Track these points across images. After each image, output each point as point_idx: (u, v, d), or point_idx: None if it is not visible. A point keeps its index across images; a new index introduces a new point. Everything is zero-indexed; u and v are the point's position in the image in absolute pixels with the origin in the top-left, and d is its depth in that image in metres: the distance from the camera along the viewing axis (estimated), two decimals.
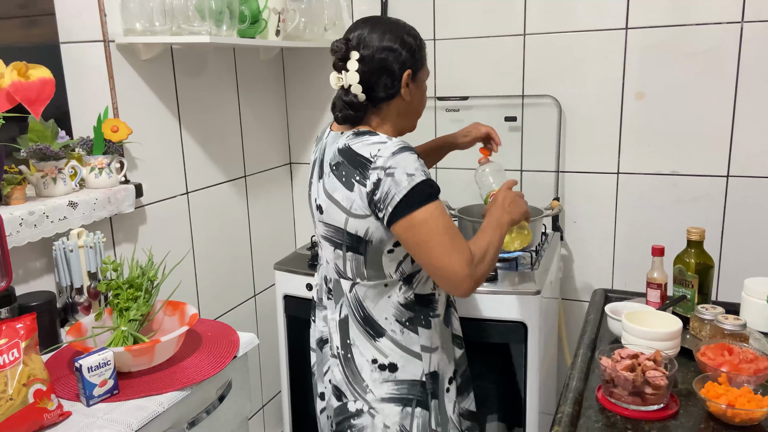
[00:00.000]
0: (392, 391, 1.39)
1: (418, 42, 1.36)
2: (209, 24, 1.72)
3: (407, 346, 1.39)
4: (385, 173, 1.24)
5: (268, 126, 2.45)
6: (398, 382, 1.39)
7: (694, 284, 1.61)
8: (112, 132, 1.67)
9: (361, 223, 1.30)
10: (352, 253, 1.35)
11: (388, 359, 1.39)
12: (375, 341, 1.39)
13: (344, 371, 1.42)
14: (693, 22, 1.94)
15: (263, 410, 2.51)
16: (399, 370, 1.39)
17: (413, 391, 1.40)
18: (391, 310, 1.38)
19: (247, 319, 2.40)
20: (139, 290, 1.39)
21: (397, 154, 1.25)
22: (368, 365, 1.39)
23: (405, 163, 1.24)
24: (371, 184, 1.26)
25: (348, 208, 1.30)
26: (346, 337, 1.41)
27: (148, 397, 1.22)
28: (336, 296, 1.42)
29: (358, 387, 1.41)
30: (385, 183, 1.24)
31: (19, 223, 1.42)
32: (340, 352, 1.43)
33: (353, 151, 1.29)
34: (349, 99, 1.33)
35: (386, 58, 1.31)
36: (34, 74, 1.39)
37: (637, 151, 2.09)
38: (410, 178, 1.24)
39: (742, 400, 1.18)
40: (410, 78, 1.34)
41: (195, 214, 2.08)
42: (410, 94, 1.36)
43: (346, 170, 1.29)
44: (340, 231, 1.34)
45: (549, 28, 2.12)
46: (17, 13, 1.75)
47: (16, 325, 1.14)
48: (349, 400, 1.42)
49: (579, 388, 1.36)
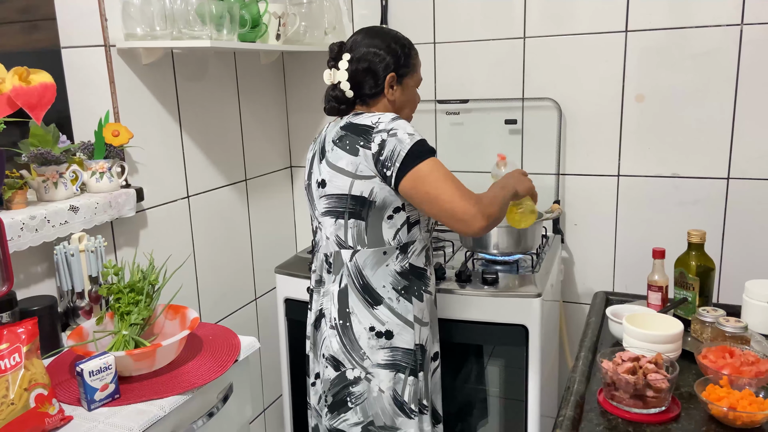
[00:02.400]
0: (387, 357, 1.48)
1: (406, 50, 1.51)
2: (210, 28, 1.72)
3: (402, 314, 1.49)
4: (389, 134, 1.39)
5: (268, 130, 2.46)
6: (393, 348, 1.48)
7: (695, 287, 1.61)
8: (113, 136, 1.67)
9: (367, 183, 1.41)
10: (354, 219, 1.45)
11: (385, 327, 1.48)
12: (373, 309, 1.48)
13: (342, 340, 1.50)
14: (693, 24, 1.95)
15: (264, 414, 2.51)
16: (394, 338, 1.48)
17: (406, 359, 1.49)
18: (388, 278, 1.48)
19: (248, 323, 2.40)
20: (141, 294, 1.39)
21: (395, 120, 1.42)
22: (366, 333, 1.48)
23: (404, 126, 1.41)
24: (376, 146, 1.39)
25: (353, 172, 1.42)
26: (345, 306, 1.49)
27: (149, 401, 1.22)
28: (336, 268, 1.51)
29: (356, 355, 1.49)
30: (390, 142, 1.38)
31: (21, 227, 1.42)
32: (338, 322, 1.50)
33: (355, 124, 1.45)
34: (336, 93, 1.51)
35: (371, 60, 1.48)
36: (35, 79, 1.40)
37: (637, 153, 2.09)
38: (411, 137, 1.38)
39: (743, 403, 1.18)
40: (394, 80, 1.49)
41: (196, 217, 2.08)
42: (394, 94, 1.51)
43: (350, 139, 1.43)
44: (343, 198, 1.44)
45: (549, 31, 2.12)
46: (18, 18, 1.75)
47: (17, 330, 1.14)
48: (347, 368, 1.50)
49: (580, 391, 1.36)
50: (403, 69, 1.51)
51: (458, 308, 1.79)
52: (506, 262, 1.94)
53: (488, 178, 2.30)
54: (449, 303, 1.80)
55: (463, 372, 1.99)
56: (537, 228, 1.95)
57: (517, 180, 1.57)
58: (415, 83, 1.56)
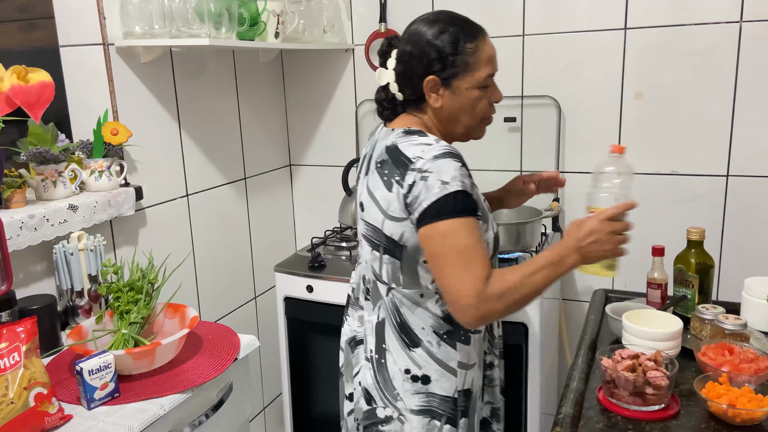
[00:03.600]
0: (422, 403, 1.32)
1: (454, 44, 1.24)
2: (208, 26, 1.72)
3: (443, 360, 1.31)
4: (420, 176, 1.18)
5: (267, 128, 2.46)
6: (429, 394, 1.32)
7: (695, 284, 1.61)
8: (112, 135, 1.67)
9: (397, 226, 1.24)
10: (389, 256, 1.29)
11: (422, 371, 1.31)
12: (410, 350, 1.31)
13: (376, 376, 1.36)
14: (692, 22, 1.95)
15: (264, 412, 2.51)
16: (432, 383, 1.32)
17: (444, 407, 1.33)
18: (429, 320, 1.31)
19: (248, 321, 2.40)
20: (140, 293, 1.39)
21: (438, 159, 1.18)
22: (400, 374, 1.32)
23: (443, 169, 1.17)
24: (407, 186, 1.20)
25: (385, 209, 1.25)
26: (382, 342, 1.35)
27: (149, 399, 1.22)
28: (374, 298, 1.36)
29: (388, 394, 1.35)
30: (418, 186, 1.18)
31: (20, 226, 1.42)
32: (374, 356, 1.36)
33: (399, 150, 1.24)
34: (379, 96, 1.35)
35: (406, 61, 1.27)
36: (33, 78, 1.40)
37: (636, 151, 2.09)
38: (443, 187, 1.16)
39: (743, 400, 1.18)
40: (437, 84, 1.26)
41: (195, 216, 2.08)
42: (440, 100, 1.28)
43: (389, 169, 1.24)
44: (378, 231, 1.28)
45: (548, 29, 2.12)
46: (17, 17, 1.75)
47: (16, 329, 1.14)
48: (378, 406, 1.36)
49: (580, 388, 1.36)
50: (450, 69, 1.25)
51: None
52: (506, 260, 1.93)
53: (488, 177, 2.31)
54: None
55: None
56: (536, 226, 1.95)
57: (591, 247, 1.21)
58: (474, 84, 1.27)
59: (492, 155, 2.26)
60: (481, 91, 1.29)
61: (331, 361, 2.05)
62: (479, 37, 1.27)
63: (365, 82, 2.40)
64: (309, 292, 1.99)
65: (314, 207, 2.62)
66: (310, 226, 2.63)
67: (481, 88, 1.29)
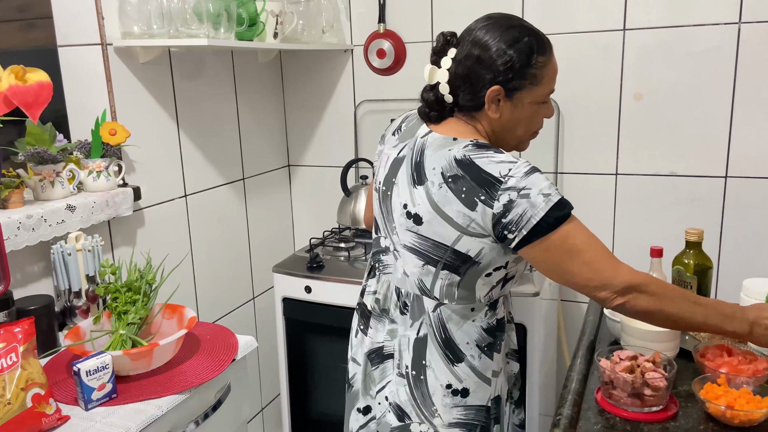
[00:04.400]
0: (460, 416, 1.32)
1: (526, 56, 1.19)
2: (207, 27, 1.72)
3: (482, 371, 1.32)
4: (519, 194, 1.14)
5: (266, 128, 2.45)
6: (467, 407, 1.32)
7: (693, 285, 1.61)
8: (110, 135, 1.67)
9: (476, 242, 1.20)
10: (448, 272, 1.25)
11: (462, 384, 1.31)
12: (453, 366, 1.30)
13: (413, 392, 1.33)
14: (691, 23, 1.95)
15: (262, 413, 2.51)
16: (470, 396, 1.32)
17: (479, 417, 1.33)
18: (474, 335, 1.30)
19: (246, 322, 2.39)
20: (138, 293, 1.39)
21: (529, 175, 1.15)
22: (441, 390, 1.31)
23: (538, 183, 1.15)
24: (501, 206, 1.15)
25: (465, 226, 1.19)
26: (422, 358, 1.31)
27: (146, 400, 1.22)
28: (415, 314, 1.32)
29: (426, 410, 1.32)
30: (520, 205, 1.14)
31: (17, 226, 1.42)
32: (410, 372, 1.33)
33: (477, 166, 1.17)
34: (429, 96, 1.28)
35: (472, 66, 1.21)
36: (31, 78, 1.39)
37: (635, 152, 2.09)
38: (547, 199, 1.14)
39: (741, 402, 1.18)
40: (501, 95, 1.21)
41: (193, 217, 2.08)
42: (499, 111, 1.23)
43: (468, 186, 1.17)
44: (443, 248, 1.23)
45: (547, 29, 2.09)
46: (15, 17, 1.75)
47: (14, 329, 1.14)
48: (414, 422, 1.34)
49: (578, 389, 1.36)
50: (517, 81, 1.20)
51: None
52: None
53: None
54: None
55: None
56: None
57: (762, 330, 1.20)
58: (536, 99, 1.23)
59: None
60: (540, 106, 1.26)
61: (330, 362, 2.05)
62: (549, 51, 1.24)
63: (364, 82, 2.39)
64: (307, 293, 1.99)
65: (313, 208, 2.62)
66: (309, 226, 2.63)
67: (541, 103, 1.25)
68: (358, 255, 2.09)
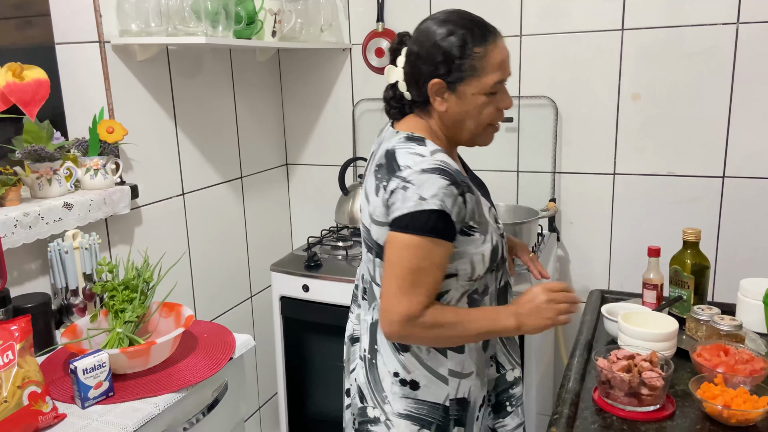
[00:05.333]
0: (411, 408, 1.30)
1: (462, 47, 1.19)
2: (205, 25, 1.72)
3: (432, 367, 1.29)
4: (402, 185, 1.16)
5: (264, 127, 2.45)
6: (418, 401, 1.30)
7: (690, 285, 1.61)
8: (108, 133, 1.67)
9: (382, 231, 1.22)
10: (380, 260, 1.25)
11: (410, 376, 1.29)
12: (399, 354, 1.29)
13: (367, 375, 1.35)
14: (689, 23, 1.95)
15: (259, 412, 2.51)
16: (421, 389, 1.29)
17: (433, 414, 1.30)
18: None
19: (244, 321, 2.39)
20: (135, 292, 1.39)
21: (426, 173, 1.15)
22: (389, 377, 1.31)
23: (426, 185, 1.14)
24: (389, 191, 1.18)
25: (371, 213, 1.24)
26: (375, 342, 1.33)
27: (143, 399, 1.22)
28: (370, 298, 1.35)
29: (378, 395, 1.33)
30: (398, 194, 1.16)
31: (14, 224, 1.41)
32: (366, 355, 1.36)
33: (394, 156, 1.21)
34: (387, 94, 1.31)
35: (413, 62, 1.23)
36: (29, 75, 1.39)
37: (633, 151, 2.09)
38: (420, 202, 1.14)
39: (738, 401, 1.18)
40: (442, 88, 1.22)
41: (191, 215, 2.08)
42: (445, 104, 1.23)
43: (381, 174, 1.22)
44: (369, 234, 1.27)
45: (545, 29, 2.12)
46: (12, 14, 1.74)
47: (10, 327, 1.14)
48: (369, 405, 1.35)
49: (575, 389, 1.36)
50: (456, 73, 1.20)
51: None
52: None
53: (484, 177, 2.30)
54: None
55: None
56: (533, 226, 1.95)
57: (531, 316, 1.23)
58: (480, 90, 1.21)
59: (489, 155, 2.26)
60: (488, 97, 1.23)
61: (327, 361, 2.05)
62: (489, 40, 1.22)
63: (362, 81, 2.39)
64: (305, 292, 1.99)
65: (311, 206, 2.61)
66: (307, 225, 2.63)
67: (489, 94, 1.23)
68: (355, 254, 2.09)
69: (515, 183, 2.26)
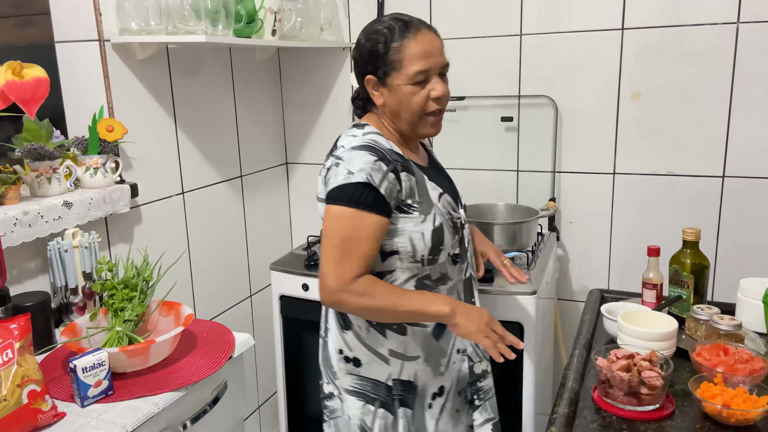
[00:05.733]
0: (356, 385, 1.41)
1: (381, 44, 1.31)
2: (205, 23, 1.71)
3: (372, 345, 1.38)
4: (335, 162, 1.29)
5: (264, 126, 2.45)
6: (362, 378, 1.40)
7: (690, 284, 1.61)
8: (108, 131, 1.67)
9: (323, 207, 1.33)
10: None
11: (353, 353, 1.40)
12: (343, 332, 1.40)
13: (322, 353, 1.48)
14: (689, 22, 1.95)
15: (259, 411, 2.51)
16: (363, 367, 1.39)
17: (377, 391, 1.39)
18: None
19: (243, 320, 2.39)
20: (135, 290, 1.39)
21: (355, 150, 1.28)
22: (336, 354, 1.42)
23: (355, 160, 1.26)
24: (326, 169, 1.32)
25: (317, 193, 1.37)
26: (326, 322, 1.46)
27: (143, 397, 1.22)
28: None
29: (329, 372, 1.45)
30: (332, 170, 1.29)
31: (14, 223, 1.41)
32: (322, 333, 1.48)
33: (336, 140, 1.37)
34: (353, 94, 1.45)
35: (355, 65, 1.38)
36: (28, 73, 1.39)
37: (633, 151, 2.09)
38: (349, 176, 1.25)
39: (737, 401, 1.18)
40: (375, 83, 1.35)
41: (191, 214, 2.07)
42: (382, 98, 1.35)
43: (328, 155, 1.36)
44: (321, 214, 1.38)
45: (545, 29, 2.12)
46: (12, 13, 1.74)
47: (10, 326, 1.14)
48: (324, 381, 1.48)
49: (575, 388, 1.36)
50: (382, 69, 1.32)
51: None
52: None
53: (484, 176, 2.31)
54: None
55: None
56: (532, 225, 1.95)
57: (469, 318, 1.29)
58: (406, 81, 1.31)
59: (489, 155, 2.26)
60: (414, 86, 1.31)
61: None
62: (408, 34, 1.31)
63: None
64: (305, 291, 1.99)
65: (311, 205, 2.61)
66: (306, 224, 2.63)
67: (416, 84, 1.31)
68: None
69: (515, 182, 2.26)
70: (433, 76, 1.33)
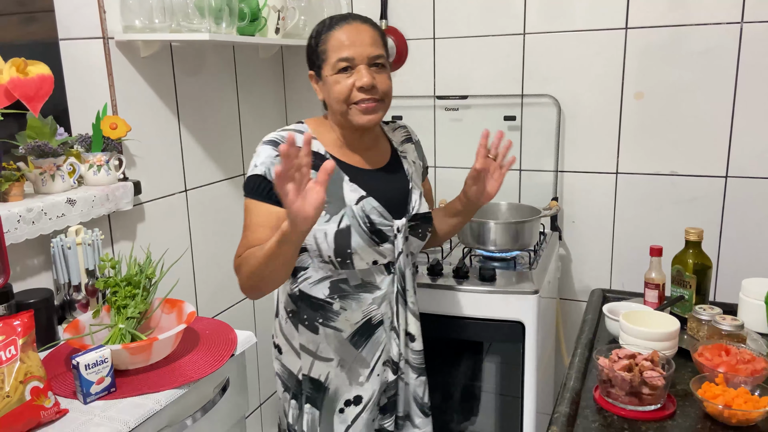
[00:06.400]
0: (279, 370, 1.51)
1: (313, 39, 1.39)
2: (209, 21, 1.72)
3: (287, 336, 1.47)
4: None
5: (267, 124, 2.45)
6: (283, 365, 1.50)
7: (692, 284, 1.61)
8: (111, 129, 1.67)
9: None
10: None
11: (277, 340, 1.51)
12: (275, 319, 1.51)
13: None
14: (693, 22, 1.95)
15: (261, 409, 2.51)
16: (283, 355, 1.49)
17: (290, 381, 1.48)
18: (283, 296, 1.47)
19: (245, 317, 2.40)
20: (137, 288, 1.39)
21: (263, 145, 1.36)
22: (272, 339, 1.54)
23: (260, 154, 1.34)
24: None
25: None
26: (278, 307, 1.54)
27: (145, 394, 1.22)
28: None
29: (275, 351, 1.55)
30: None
31: (17, 220, 1.42)
32: None
33: None
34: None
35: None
36: (32, 71, 1.39)
37: (635, 151, 2.09)
38: (252, 169, 1.34)
39: (739, 401, 1.19)
40: (314, 78, 1.42)
41: (193, 211, 2.08)
42: (320, 92, 1.42)
43: None
44: None
45: (548, 28, 2.12)
46: (16, 10, 1.75)
47: (13, 322, 1.14)
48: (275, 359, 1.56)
49: (576, 388, 1.36)
50: (317, 62, 1.38)
51: (455, 304, 1.79)
52: (504, 259, 1.94)
53: None
54: (446, 299, 1.80)
55: (460, 368, 1.99)
56: (535, 225, 1.95)
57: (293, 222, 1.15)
58: (331, 71, 1.34)
59: None
60: (339, 75, 1.33)
61: None
62: (334, 27, 1.35)
63: None
64: None
65: None
66: None
67: (340, 72, 1.33)
68: None
69: (517, 181, 2.26)
70: (360, 66, 1.33)
